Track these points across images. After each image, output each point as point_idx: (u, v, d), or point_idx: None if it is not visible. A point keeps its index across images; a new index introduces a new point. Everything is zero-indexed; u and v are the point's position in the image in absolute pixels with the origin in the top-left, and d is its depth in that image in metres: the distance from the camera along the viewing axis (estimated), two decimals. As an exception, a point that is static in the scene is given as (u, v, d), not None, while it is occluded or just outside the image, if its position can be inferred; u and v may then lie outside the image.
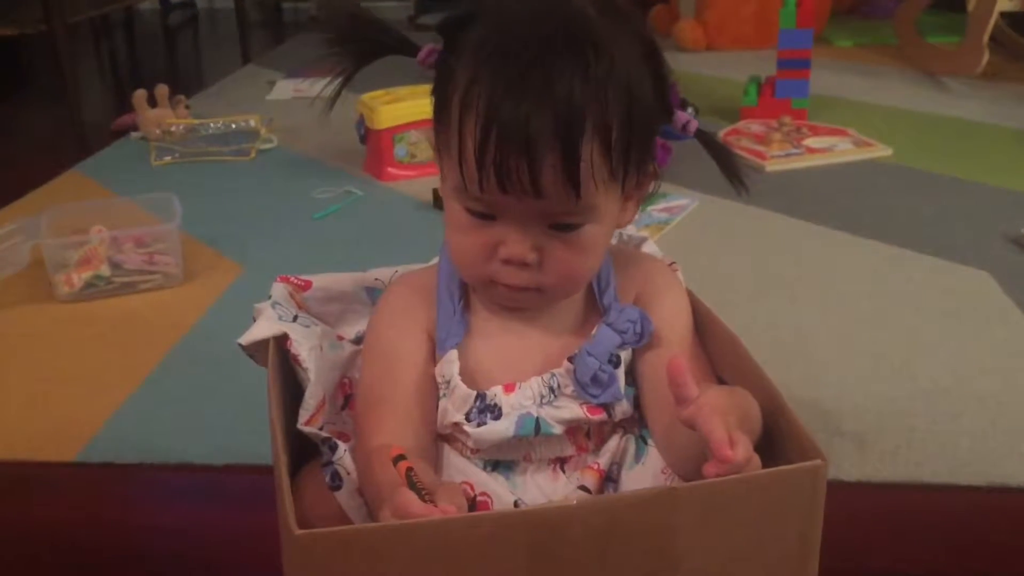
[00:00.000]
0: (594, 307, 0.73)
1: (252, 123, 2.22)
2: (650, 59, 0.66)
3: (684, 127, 0.71)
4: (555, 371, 0.70)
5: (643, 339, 0.71)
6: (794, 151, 2.01)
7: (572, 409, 0.70)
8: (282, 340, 0.73)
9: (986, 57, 2.48)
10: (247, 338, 0.74)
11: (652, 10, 3.41)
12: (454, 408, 0.69)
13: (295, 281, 0.80)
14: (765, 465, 0.54)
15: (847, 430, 1.05)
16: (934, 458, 1.00)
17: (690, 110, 2.33)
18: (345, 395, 0.77)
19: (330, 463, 0.71)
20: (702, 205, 1.75)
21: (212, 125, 2.24)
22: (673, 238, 1.61)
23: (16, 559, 0.92)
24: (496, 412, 0.69)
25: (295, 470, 0.69)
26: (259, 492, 0.93)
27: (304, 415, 0.70)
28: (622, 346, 0.71)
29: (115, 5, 2.77)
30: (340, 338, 0.81)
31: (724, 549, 0.52)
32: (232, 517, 0.96)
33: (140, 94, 2.26)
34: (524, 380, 0.70)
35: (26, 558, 0.92)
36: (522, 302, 0.70)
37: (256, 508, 0.94)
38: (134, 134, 2.31)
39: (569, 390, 0.70)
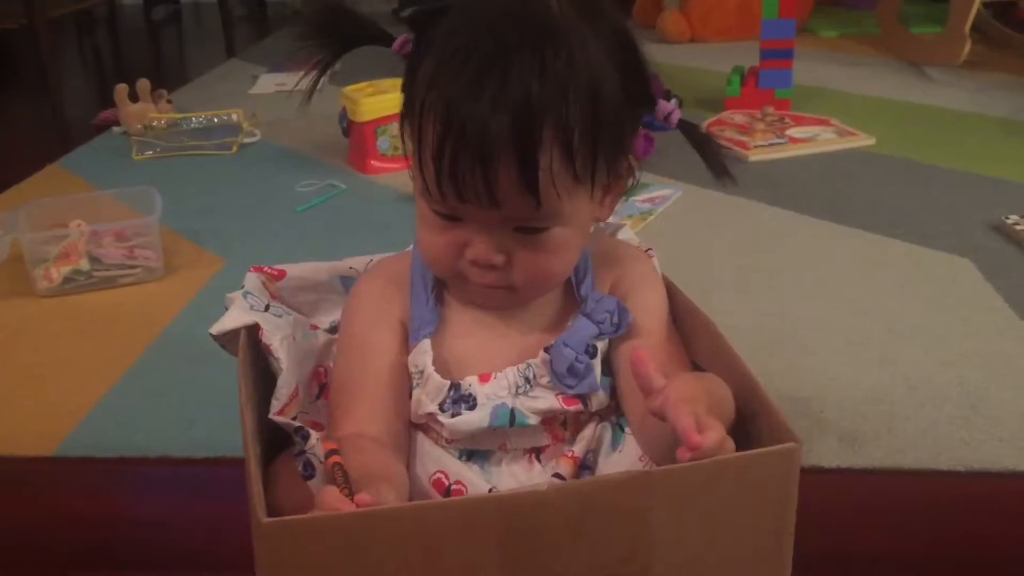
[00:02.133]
0: (571, 297, 0.73)
1: (235, 117, 2.21)
2: (623, 51, 0.65)
3: (667, 118, 0.70)
4: (531, 361, 0.70)
5: (620, 329, 0.71)
6: (777, 141, 2.01)
7: (548, 400, 0.69)
8: (254, 330, 0.73)
9: (968, 46, 2.48)
10: (218, 327, 0.73)
11: (636, 2, 3.40)
12: (428, 398, 0.69)
13: (268, 271, 0.80)
14: (740, 449, 0.54)
15: (829, 417, 1.05)
16: (915, 445, 1.00)
17: (674, 101, 2.33)
18: (320, 384, 0.77)
19: (302, 452, 0.71)
20: (685, 195, 1.75)
21: (194, 119, 2.23)
22: (656, 228, 1.61)
23: (-6, 554, 0.91)
24: (471, 402, 0.69)
25: (270, 460, 0.69)
26: (240, 484, 0.92)
27: (276, 405, 0.69)
28: (599, 336, 0.70)
29: (96, 1, 2.74)
30: (314, 327, 0.80)
31: (699, 532, 0.52)
32: (213, 510, 0.95)
33: (121, 88, 2.24)
34: (500, 370, 0.70)
35: (3, 553, 0.91)
36: (495, 300, 0.69)
37: (237, 500, 0.92)
38: (116, 129, 2.29)
39: (545, 380, 0.69)
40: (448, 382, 0.69)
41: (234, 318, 0.73)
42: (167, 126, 2.20)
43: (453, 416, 0.68)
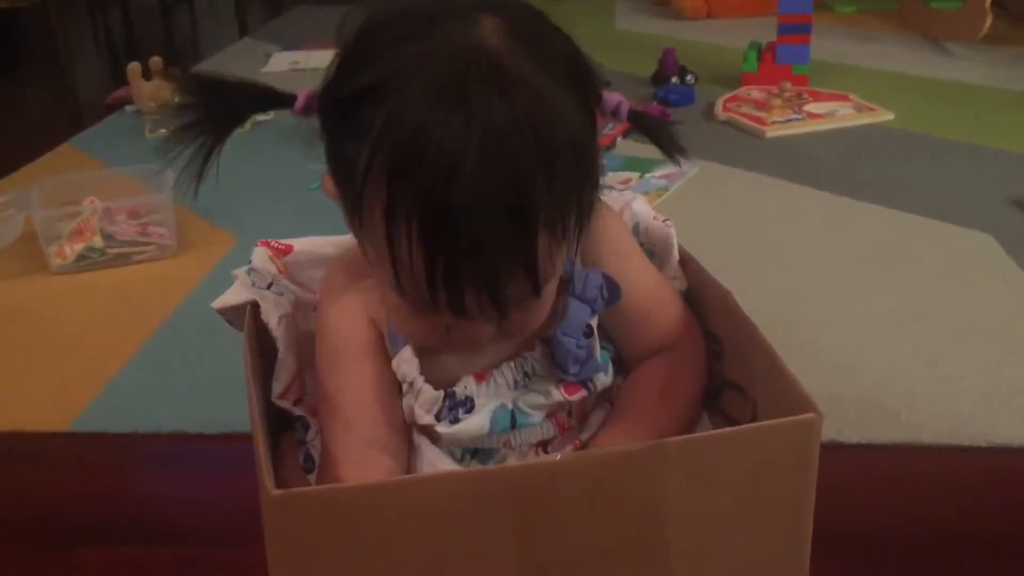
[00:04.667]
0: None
1: (247, 95, 2.19)
2: (577, 72, 0.58)
3: (615, 110, 0.64)
4: (527, 354, 0.67)
5: (612, 302, 0.67)
6: (795, 116, 1.98)
7: (549, 392, 0.66)
8: (257, 308, 0.72)
9: (989, 20, 2.44)
10: (219, 303, 0.72)
11: (652, -22, 3.37)
12: (423, 410, 0.65)
13: (276, 245, 0.79)
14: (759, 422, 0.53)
15: (848, 393, 1.03)
16: (936, 420, 0.99)
17: (690, 77, 2.31)
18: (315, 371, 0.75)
19: (303, 443, 0.70)
20: (702, 172, 1.73)
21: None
22: (672, 204, 1.59)
23: (7, 529, 0.91)
24: (469, 405, 0.65)
25: (278, 434, 0.68)
26: (253, 460, 0.93)
27: (277, 387, 0.68)
28: (593, 315, 0.66)
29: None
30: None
31: (714, 506, 0.51)
32: (226, 485, 0.95)
33: (134, 67, 2.23)
34: (495, 367, 0.66)
35: (18, 528, 0.91)
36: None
37: (251, 475, 0.92)
38: (128, 108, 2.29)
39: (545, 372, 0.66)
40: (441, 392, 0.65)
41: (234, 295, 0.72)
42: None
43: (452, 423, 0.65)
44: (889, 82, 2.28)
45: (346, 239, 0.82)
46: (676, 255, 0.76)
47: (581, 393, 0.67)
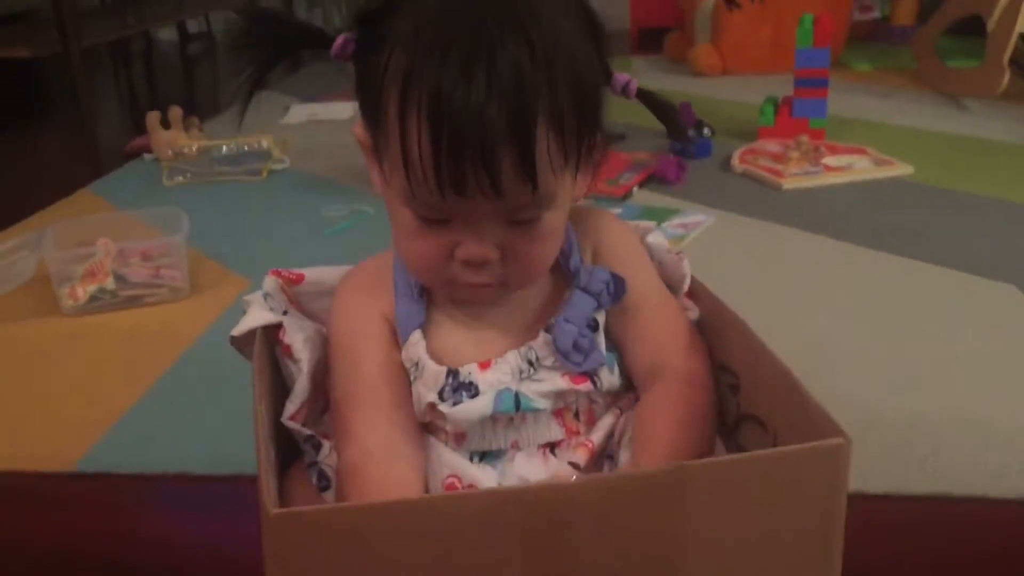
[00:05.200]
0: (561, 273, 0.70)
1: (265, 144, 2.21)
2: (591, 25, 0.63)
3: (625, 88, 0.68)
4: (532, 343, 0.67)
5: (617, 298, 0.68)
6: (812, 169, 1.97)
7: (554, 380, 0.66)
8: (273, 331, 0.70)
9: (1007, 77, 2.44)
10: (240, 328, 0.71)
11: (667, 36, 3.40)
12: (426, 388, 0.66)
13: (287, 275, 0.78)
14: (781, 449, 0.50)
15: (871, 440, 1.00)
16: (964, 470, 0.95)
17: (706, 130, 2.31)
18: (327, 398, 0.74)
19: (315, 463, 0.68)
20: (719, 222, 1.71)
21: (224, 146, 2.23)
22: (689, 253, 1.55)
23: (12, 569, 0.88)
24: (472, 390, 0.65)
25: (283, 468, 0.66)
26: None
27: (291, 407, 0.66)
28: (598, 309, 0.68)
29: (130, 30, 2.78)
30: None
31: (737, 533, 0.48)
32: (231, 527, 0.93)
33: (153, 116, 2.26)
34: (499, 356, 0.67)
35: (23, 569, 0.89)
36: (485, 297, 0.66)
37: (256, 519, 0.90)
38: (147, 156, 2.30)
39: (549, 361, 0.66)
40: (445, 368, 0.66)
41: (255, 318, 0.71)
42: (198, 153, 2.21)
43: (454, 404, 0.65)
44: (907, 137, 2.27)
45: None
46: (687, 287, 0.75)
47: (587, 384, 0.67)
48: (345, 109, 2.65)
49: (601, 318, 0.68)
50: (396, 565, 0.46)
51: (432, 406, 0.65)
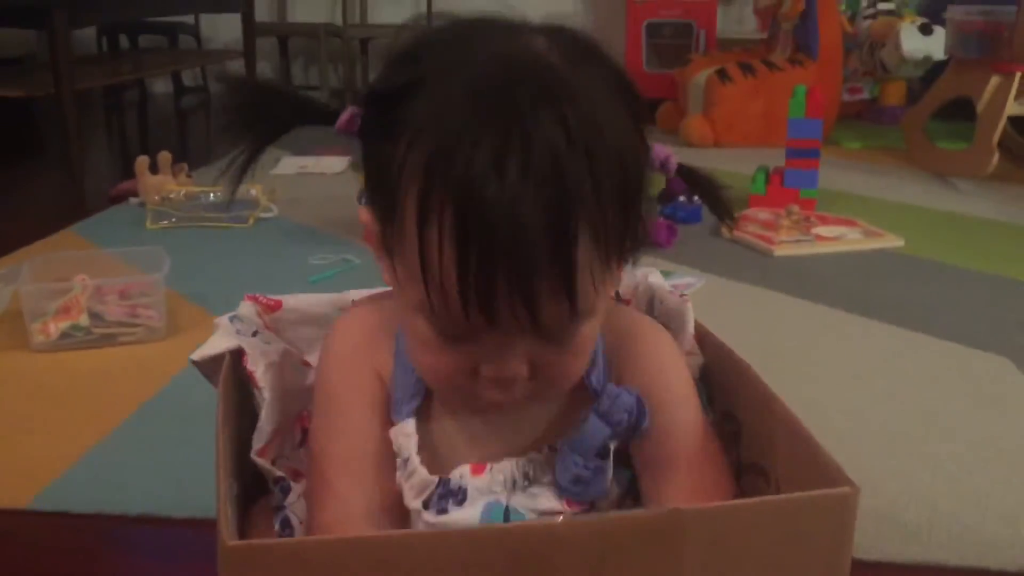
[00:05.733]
0: (581, 384, 0.62)
1: (253, 192, 2.18)
2: (627, 95, 0.56)
3: (663, 164, 0.63)
4: (532, 456, 0.61)
5: (637, 432, 0.61)
6: (803, 238, 1.96)
7: (549, 500, 0.60)
8: (238, 356, 0.66)
9: (996, 158, 2.46)
10: (200, 353, 0.67)
11: (660, 107, 3.43)
12: (412, 493, 0.60)
13: (264, 300, 0.74)
14: (784, 497, 0.47)
15: (865, 506, 0.95)
16: (961, 541, 0.91)
17: (696, 198, 2.30)
18: (303, 429, 0.69)
19: (281, 507, 0.64)
20: (708, 285, 1.69)
21: (212, 193, 2.21)
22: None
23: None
24: (460, 496, 0.60)
25: (246, 504, 0.61)
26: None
27: (257, 443, 0.62)
28: (612, 438, 0.60)
29: (125, 76, 2.78)
30: (306, 364, 0.73)
31: (737, 584, 0.44)
32: (190, 571, 0.88)
33: (142, 160, 2.24)
34: (496, 460, 0.61)
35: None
36: (507, 408, 0.59)
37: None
38: (133, 200, 2.28)
39: (546, 479, 0.61)
40: (436, 478, 0.60)
41: (217, 342, 0.67)
42: (185, 199, 2.18)
43: (439, 513, 0.59)
44: (897, 212, 2.27)
45: (339, 298, 0.78)
46: (691, 328, 0.72)
47: (584, 507, 0.61)
48: (336, 164, 2.64)
49: (614, 444, 0.61)
50: (365, 605, 0.42)
51: (415, 510, 0.60)
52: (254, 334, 0.70)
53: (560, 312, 0.51)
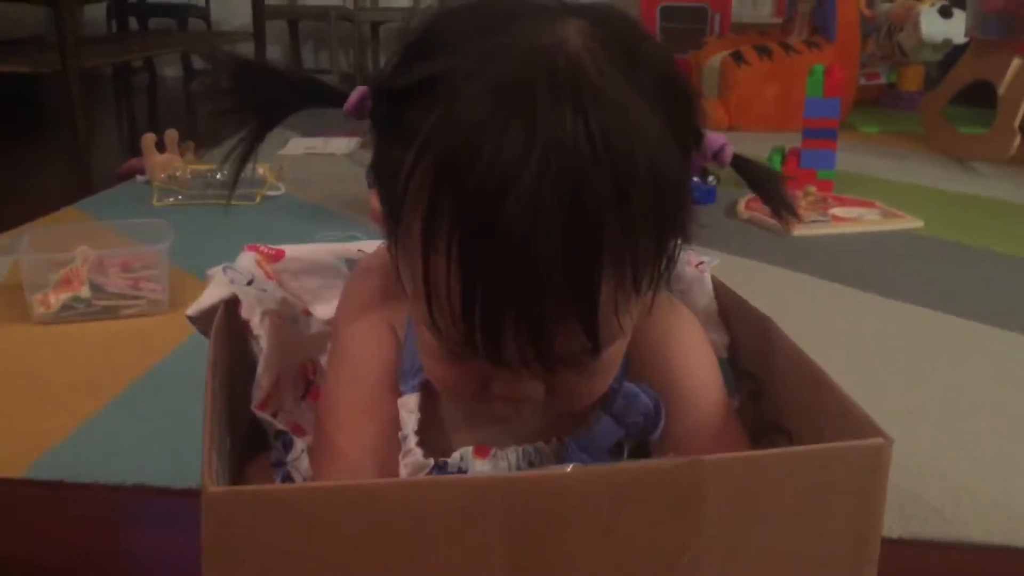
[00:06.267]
0: None
1: (260, 171, 2.15)
2: (672, 96, 0.51)
3: (717, 155, 0.59)
4: (539, 445, 0.58)
5: (654, 433, 0.57)
6: (820, 219, 1.92)
7: None
8: (234, 307, 0.63)
9: (1018, 141, 2.41)
10: (196, 307, 0.64)
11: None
12: (406, 472, 0.56)
13: (265, 250, 0.71)
14: (810, 451, 0.43)
15: (888, 485, 0.93)
16: (986, 518, 0.88)
17: (711, 179, 2.26)
18: (307, 382, 0.66)
19: (282, 463, 0.61)
20: (725, 264, 1.64)
21: (219, 172, 2.18)
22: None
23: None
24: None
25: (247, 457, 0.58)
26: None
27: (257, 394, 0.59)
28: (626, 437, 0.57)
29: (133, 55, 2.75)
30: (307, 313, 0.70)
31: (760, 539, 0.41)
32: (185, 541, 0.85)
33: (149, 138, 2.21)
34: (502, 447, 0.57)
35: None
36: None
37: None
38: (140, 177, 2.25)
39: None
40: (431, 461, 0.56)
41: (212, 293, 0.64)
42: (192, 177, 2.16)
43: None
44: (916, 194, 2.23)
45: (343, 247, 0.75)
46: (711, 292, 0.68)
47: None
48: (345, 144, 2.61)
49: (628, 444, 0.58)
50: (356, 556, 0.38)
51: None
52: (249, 283, 0.66)
53: (576, 346, 0.47)
